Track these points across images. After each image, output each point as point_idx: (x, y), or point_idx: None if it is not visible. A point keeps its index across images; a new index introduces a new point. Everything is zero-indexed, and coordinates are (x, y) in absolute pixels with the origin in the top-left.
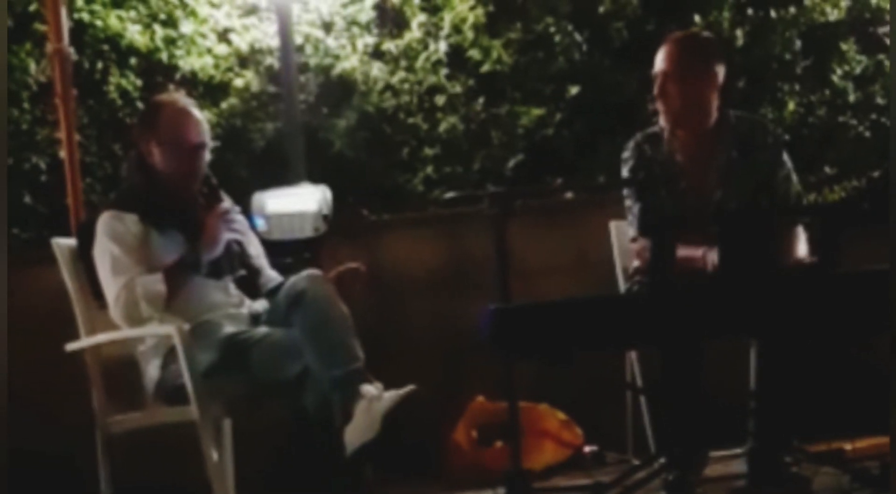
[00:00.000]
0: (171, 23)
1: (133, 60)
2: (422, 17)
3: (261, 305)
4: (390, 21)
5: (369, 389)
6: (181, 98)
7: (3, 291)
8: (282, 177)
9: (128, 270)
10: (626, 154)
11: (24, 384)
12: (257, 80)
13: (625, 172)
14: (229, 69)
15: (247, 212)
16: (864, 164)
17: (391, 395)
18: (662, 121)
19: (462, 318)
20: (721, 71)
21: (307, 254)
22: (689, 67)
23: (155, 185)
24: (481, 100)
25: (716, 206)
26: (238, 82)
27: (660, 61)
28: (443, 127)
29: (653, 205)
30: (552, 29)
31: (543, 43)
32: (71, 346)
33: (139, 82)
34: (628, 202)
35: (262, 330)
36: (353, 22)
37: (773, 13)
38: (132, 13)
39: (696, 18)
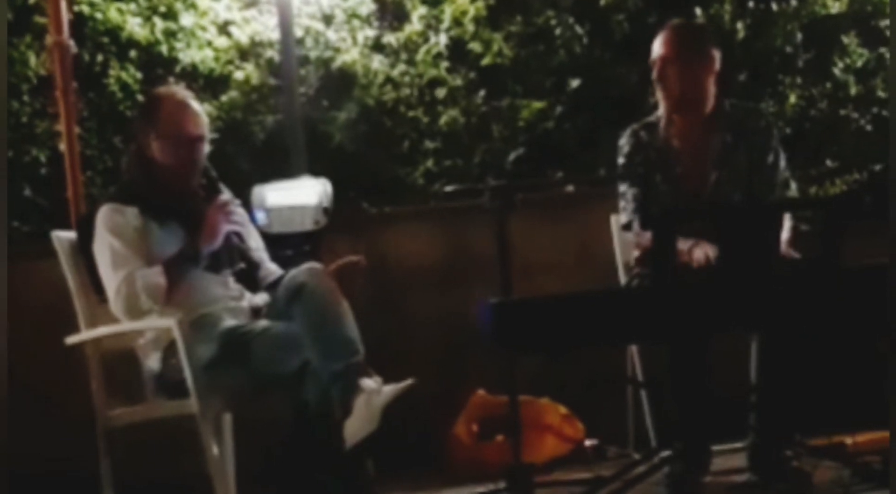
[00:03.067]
0: (171, 15)
1: (133, 53)
2: (422, 10)
3: (261, 299)
4: (391, 14)
5: (369, 383)
6: (180, 90)
7: (3, 290)
8: (282, 170)
9: (128, 263)
10: (622, 141)
11: (24, 377)
12: (258, 72)
13: (621, 159)
14: (230, 62)
15: (247, 205)
16: (866, 158)
17: (390, 389)
18: (661, 106)
19: (462, 312)
20: (717, 57)
21: (307, 247)
22: (686, 52)
23: (154, 178)
24: (482, 93)
25: (711, 190)
26: (238, 75)
27: (658, 47)
28: (443, 120)
29: (651, 195)
30: (553, 22)
31: (544, 36)
32: (71, 340)
33: (139, 75)
34: (622, 188)
35: (263, 323)
36: (353, 14)
37: (774, 6)
38: (132, 6)
39: (698, 11)
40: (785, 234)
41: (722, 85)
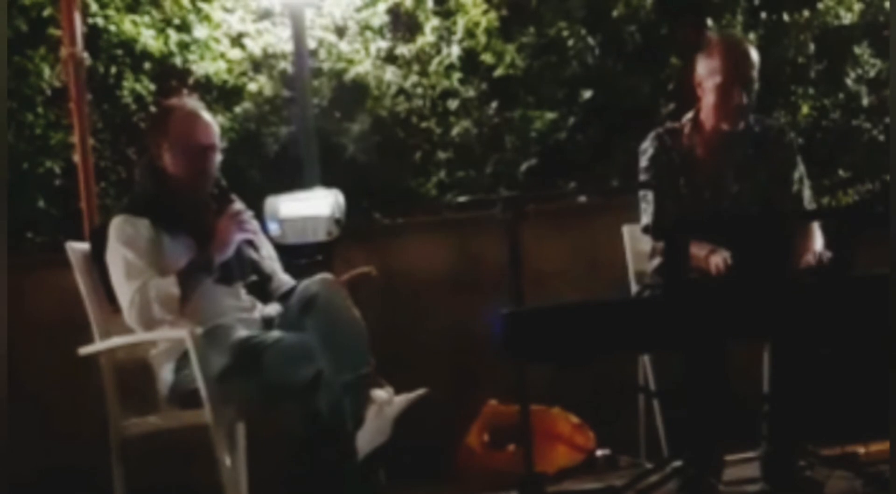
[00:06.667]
0: (184, 27)
1: (147, 65)
2: (435, 22)
3: (273, 309)
4: (403, 25)
5: (380, 393)
6: (190, 101)
7: (4, 294)
8: (295, 182)
9: (141, 274)
10: (645, 144)
11: (37, 386)
12: (271, 84)
13: (643, 162)
14: (243, 73)
15: (260, 216)
16: (878, 167)
17: (402, 399)
18: (705, 117)
19: (475, 322)
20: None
21: (319, 257)
22: (747, 71)
23: (166, 189)
24: (494, 104)
25: (731, 202)
26: (252, 87)
27: (721, 63)
28: (456, 131)
29: (670, 198)
30: (565, 33)
31: (556, 47)
32: (85, 350)
33: (153, 87)
34: (642, 191)
35: (275, 334)
36: (366, 26)
37: (786, 17)
38: (146, 18)
39: (710, 22)
40: (819, 242)
41: None
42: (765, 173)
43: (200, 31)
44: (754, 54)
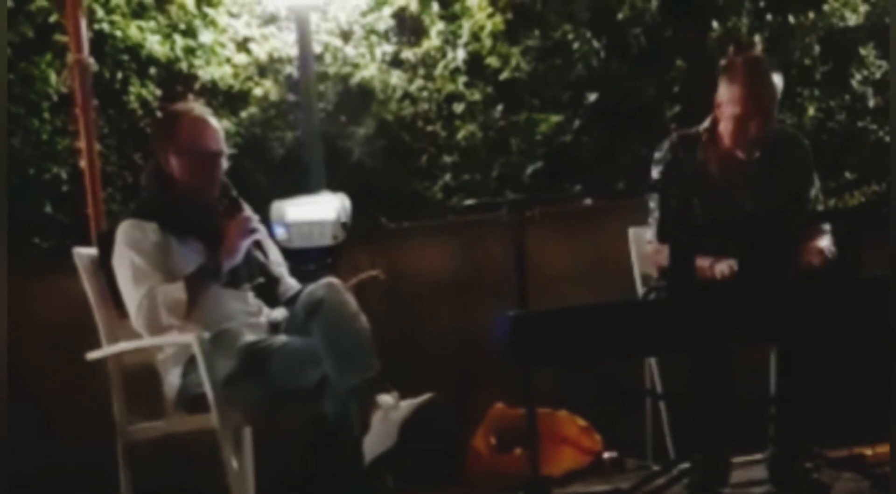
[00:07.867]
0: (190, 33)
1: (153, 70)
2: (440, 26)
3: (280, 313)
4: (409, 29)
5: (386, 398)
6: (198, 107)
7: (3, 294)
8: (301, 186)
9: (149, 279)
10: (658, 154)
11: (43, 391)
12: (276, 88)
13: (655, 174)
14: (248, 78)
15: (266, 220)
16: (884, 169)
17: (408, 404)
18: (727, 139)
19: (481, 325)
20: None
21: (329, 260)
22: (768, 104)
23: (173, 194)
24: (500, 107)
25: (745, 218)
26: (257, 91)
27: (742, 93)
28: (461, 134)
29: (678, 210)
30: (570, 36)
31: (562, 50)
32: (92, 355)
33: (159, 92)
34: (652, 204)
35: (282, 338)
36: (371, 30)
37: (791, 18)
38: (152, 23)
39: (715, 24)
40: (825, 241)
41: None
42: (779, 189)
43: (206, 36)
44: (778, 82)
